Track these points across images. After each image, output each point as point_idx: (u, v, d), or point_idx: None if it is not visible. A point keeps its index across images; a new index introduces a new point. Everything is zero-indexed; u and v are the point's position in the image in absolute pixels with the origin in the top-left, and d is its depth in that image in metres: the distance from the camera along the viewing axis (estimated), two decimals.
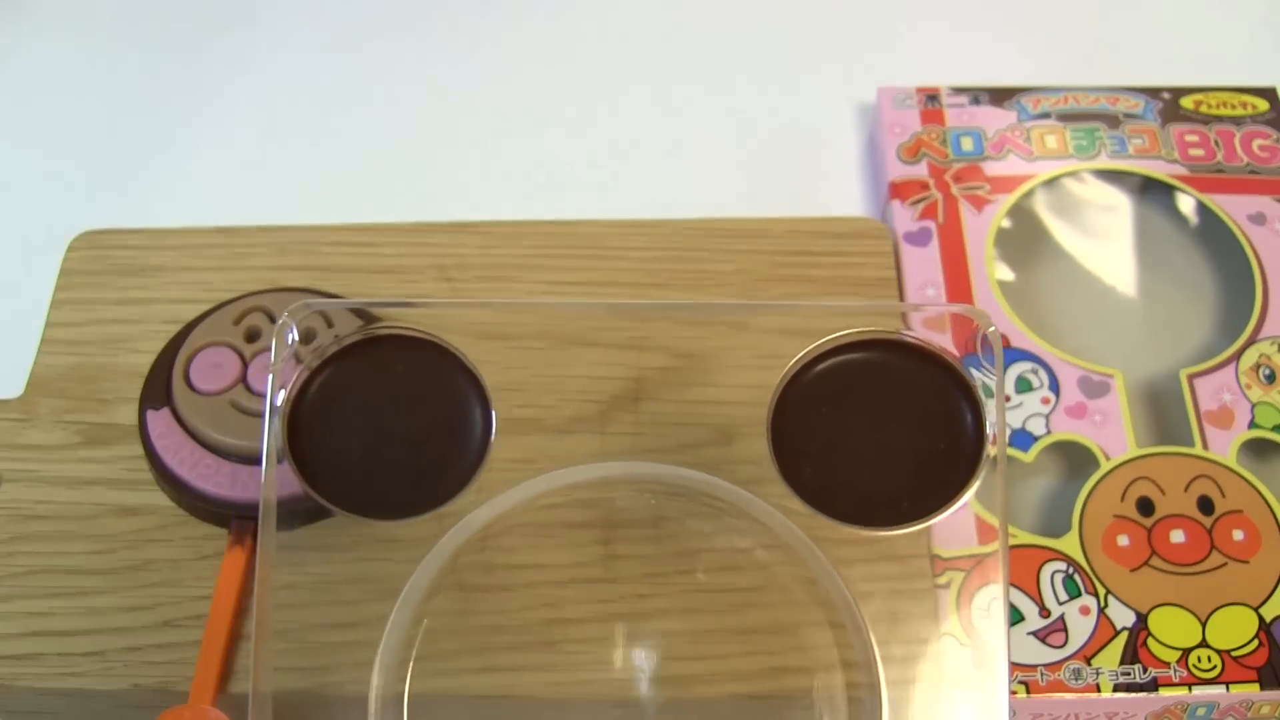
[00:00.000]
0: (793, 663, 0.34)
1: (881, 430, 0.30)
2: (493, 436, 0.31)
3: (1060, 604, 0.34)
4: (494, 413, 0.31)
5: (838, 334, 0.30)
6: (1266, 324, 0.39)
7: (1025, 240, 0.42)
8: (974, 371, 0.31)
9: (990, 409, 0.30)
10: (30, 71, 0.52)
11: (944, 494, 0.30)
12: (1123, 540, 0.35)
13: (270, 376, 0.31)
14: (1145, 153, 0.43)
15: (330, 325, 0.37)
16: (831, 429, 0.30)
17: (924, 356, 0.31)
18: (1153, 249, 0.43)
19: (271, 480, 0.31)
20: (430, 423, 0.31)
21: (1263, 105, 0.45)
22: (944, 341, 0.39)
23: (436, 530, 0.35)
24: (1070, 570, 0.35)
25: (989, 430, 0.30)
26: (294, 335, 0.31)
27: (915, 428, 0.30)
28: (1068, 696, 0.33)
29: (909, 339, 0.31)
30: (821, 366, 0.30)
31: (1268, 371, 0.38)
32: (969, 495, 0.30)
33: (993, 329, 0.30)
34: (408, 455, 0.31)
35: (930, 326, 0.39)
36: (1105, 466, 0.37)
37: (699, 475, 0.35)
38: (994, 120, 0.44)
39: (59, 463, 0.37)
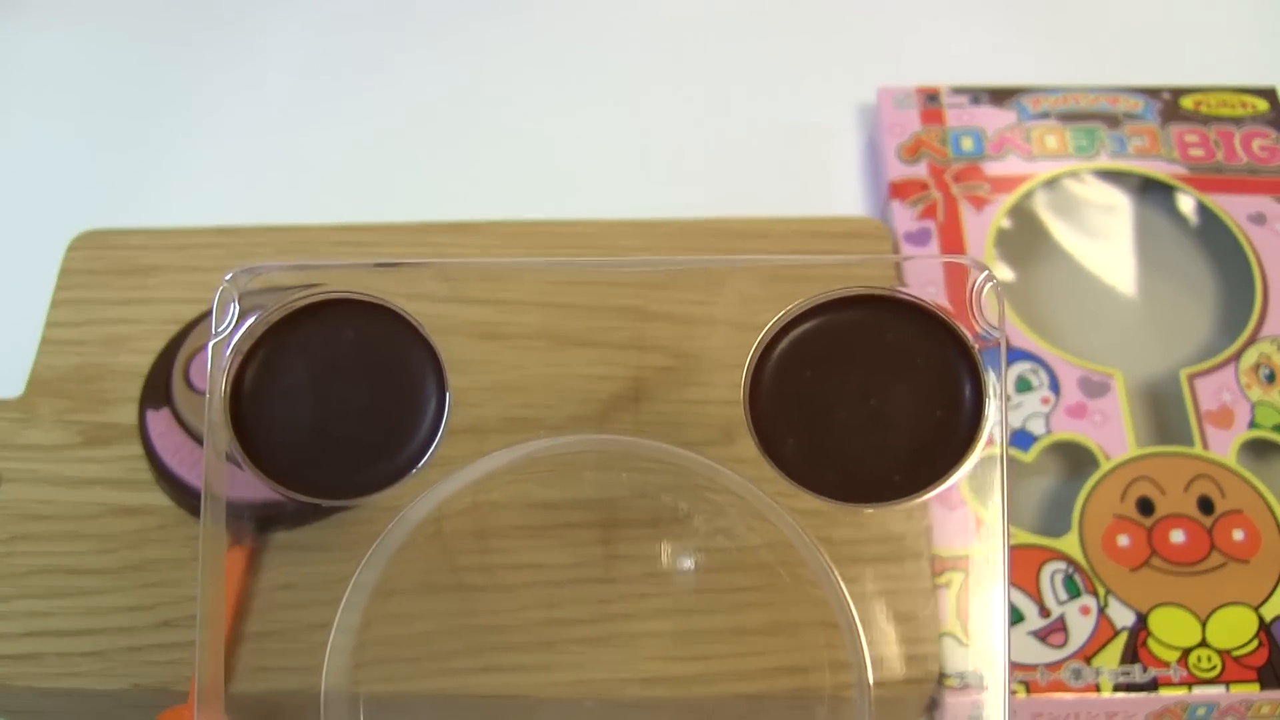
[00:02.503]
0: (792, 663, 0.34)
1: (871, 397, 0.27)
2: (448, 406, 0.29)
3: (1060, 604, 0.34)
4: (448, 379, 0.29)
5: (822, 291, 0.27)
6: (1266, 324, 0.39)
7: (1025, 240, 0.42)
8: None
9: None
10: (30, 71, 0.52)
11: (940, 466, 0.27)
12: (1123, 540, 0.35)
13: (210, 346, 0.29)
14: (1145, 153, 0.43)
15: None
16: (816, 396, 0.27)
17: (918, 314, 0.27)
18: (1153, 249, 0.43)
19: (213, 456, 0.29)
20: (382, 393, 0.29)
21: (1263, 105, 0.45)
22: None
23: (434, 528, 0.35)
24: (1070, 570, 0.35)
25: (990, 396, 0.27)
26: (236, 304, 0.29)
27: (908, 394, 0.27)
28: (1068, 696, 0.33)
29: (901, 295, 0.27)
30: (804, 327, 0.27)
31: (1268, 371, 0.38)
32: (968, 467, 0.27)
33: (993, 282, 0.27)
34: (359, 430, 0.29)
35: None
36: (1105, 466, 0.37)
37: (689, 455, 0.34)
38: (994, 120, 0.44)
39: (59, 463, 0.37)
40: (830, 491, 0.27)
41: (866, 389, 0.27)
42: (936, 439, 0.27)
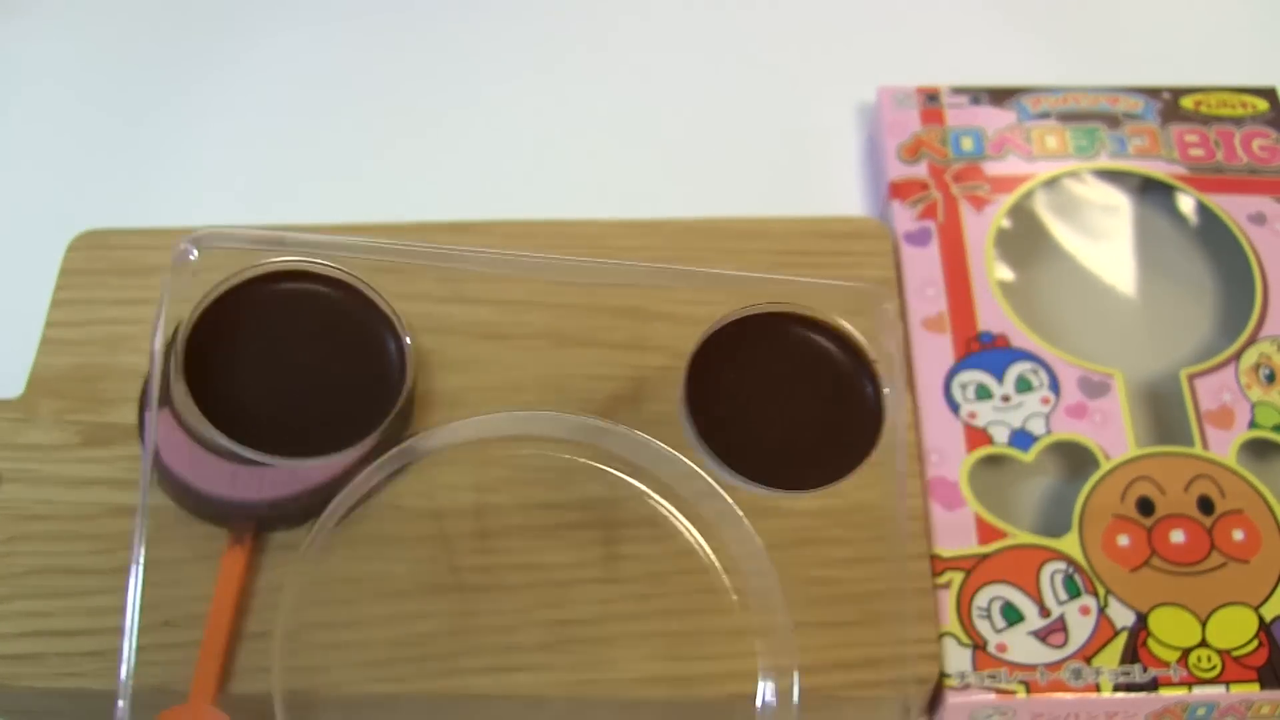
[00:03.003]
0: (791, 663, 0.34)
1: (787, 400, 0.31)
2: (409, 374, 0.30)
3: (1060, 604, 0.35)
4: (409, 347, 0.30)
5: (745, 307, 0.31)
6: (1266, 324, 0.39)
7: (1025, 240, 0.42)
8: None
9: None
10: (30, 71, 0.52)
11: (848, 461, 0.30)
12: (1123, 540, 0.35)
13: (162, 305, 0.29)
14: (1145, 153, 0.43)
15: None
16: (741, 398, 0.31)
17: (827, 332, 0.31)
18: (1153, 249, 0.43)
19: (154, 420, 0.30)
20: (342, 361, 0.30)
21: (1263, 105, 0.45)
22: (944, 341, 0.39)
23: (435, 527, 0.36)
24: (1070, 570, 0.35)
25: (886, 405, 0.31)
26: (194, 252, 0.29)
27: (818, 398, 0.31)
28: (1068, 696, 0.33)
29: (811, 314, 0.31)
30: (730, 338, 0.31)
31: (1268, 371, 0.38)
32: (868, 463, 0.31)
33: (887, 305, 0.31)
34: (320, 394, 0.30)
35: (930, 327, 0.39)
36: (1105, 466, 0.37)
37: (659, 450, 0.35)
38: (994, 120, 0.44)
39: (59, 463, 0.37)
40: (755, 478, 0.30)
41: (783, 394, 0.31)
42: (843, 437, 0.31)
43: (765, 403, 0.31)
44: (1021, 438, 0.37)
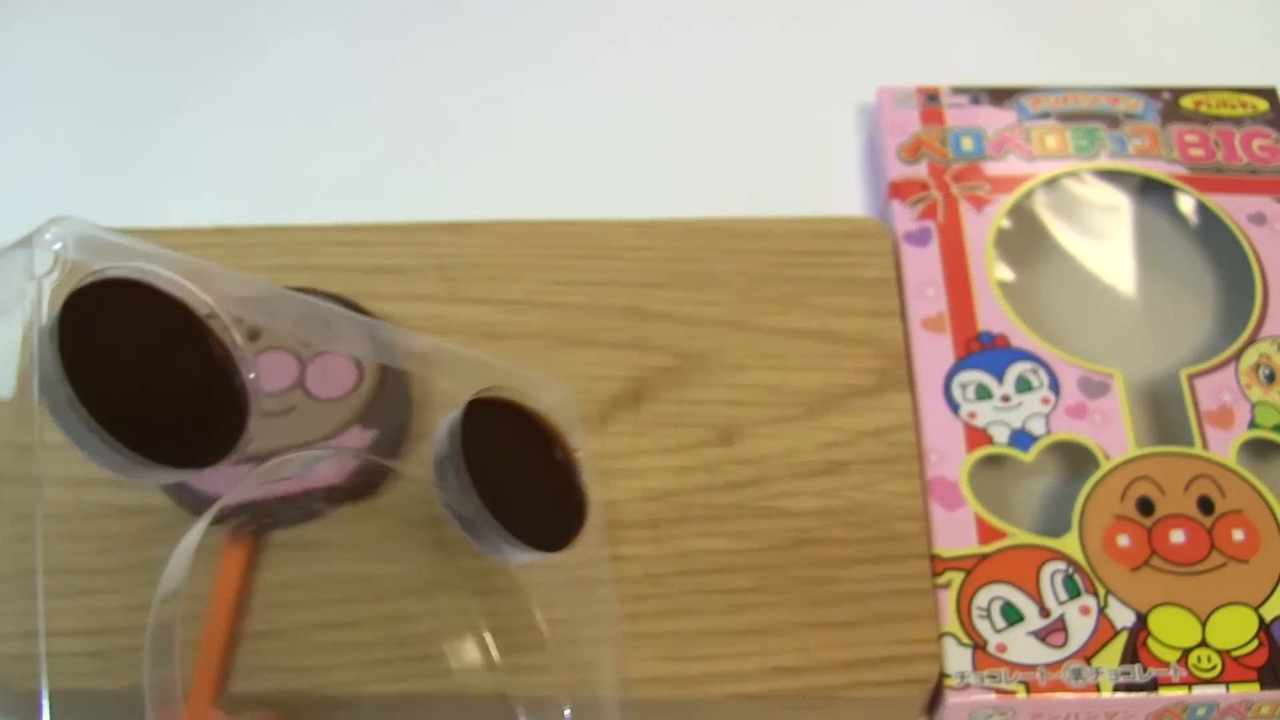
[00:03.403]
0: (791, 663, 0.34)
1: (517, 480, 0.33)
2: (251, 413, 0.30)
3: (1060, 604, 0.35)
4: (251, 382, 0.30)
5: (484, 389, 0.33)
6: (1266, 324, 0.39)
7: (1025, 240, 0.42)
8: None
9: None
10: (30, 71, 0.52)
11: (559, 540, 0.32)
12: (1123, 540, 0.35)
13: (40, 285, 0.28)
14: (1145, 153, 0.43)
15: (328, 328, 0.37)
16: (493, 472, 0.32)
17: (540, 421, 0.34)
18: (1153, 249, 0.43)
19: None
20: (185, 378, 0.29)
21: (1263, 105, 0.45)
22: (944, 341, 0.39)
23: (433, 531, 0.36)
24: (1070, 570, 0.35)
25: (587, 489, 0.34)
26: (60, 252, 0.28)
27: (539, 480, 0.33)
28: (1068, 696, 0.33)
29: (525, 402, 0.34)
30: (475, 416, 0.32)
31: (1268, 371, 0.38)
32: (582, 535, 0.33)
33: (571, 403, 0.35)
34: (162, 414, 0.29)
35: (930, 327, 0.39)
36: (1105, 466, 0.37)
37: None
38: (994, 120, 0.44)
39: (59, 463, 0.37)
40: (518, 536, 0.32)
41: (517, 472, 0.33)
42: (559, 517, 0.33)
43: (502, 481, 0.32)
44: (1021, 438, 0.37)
